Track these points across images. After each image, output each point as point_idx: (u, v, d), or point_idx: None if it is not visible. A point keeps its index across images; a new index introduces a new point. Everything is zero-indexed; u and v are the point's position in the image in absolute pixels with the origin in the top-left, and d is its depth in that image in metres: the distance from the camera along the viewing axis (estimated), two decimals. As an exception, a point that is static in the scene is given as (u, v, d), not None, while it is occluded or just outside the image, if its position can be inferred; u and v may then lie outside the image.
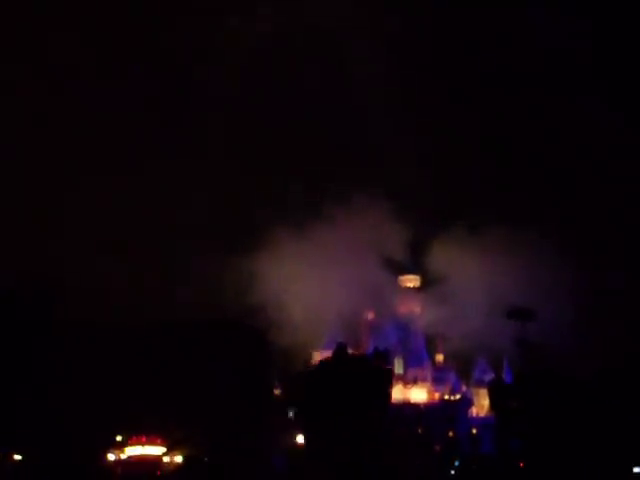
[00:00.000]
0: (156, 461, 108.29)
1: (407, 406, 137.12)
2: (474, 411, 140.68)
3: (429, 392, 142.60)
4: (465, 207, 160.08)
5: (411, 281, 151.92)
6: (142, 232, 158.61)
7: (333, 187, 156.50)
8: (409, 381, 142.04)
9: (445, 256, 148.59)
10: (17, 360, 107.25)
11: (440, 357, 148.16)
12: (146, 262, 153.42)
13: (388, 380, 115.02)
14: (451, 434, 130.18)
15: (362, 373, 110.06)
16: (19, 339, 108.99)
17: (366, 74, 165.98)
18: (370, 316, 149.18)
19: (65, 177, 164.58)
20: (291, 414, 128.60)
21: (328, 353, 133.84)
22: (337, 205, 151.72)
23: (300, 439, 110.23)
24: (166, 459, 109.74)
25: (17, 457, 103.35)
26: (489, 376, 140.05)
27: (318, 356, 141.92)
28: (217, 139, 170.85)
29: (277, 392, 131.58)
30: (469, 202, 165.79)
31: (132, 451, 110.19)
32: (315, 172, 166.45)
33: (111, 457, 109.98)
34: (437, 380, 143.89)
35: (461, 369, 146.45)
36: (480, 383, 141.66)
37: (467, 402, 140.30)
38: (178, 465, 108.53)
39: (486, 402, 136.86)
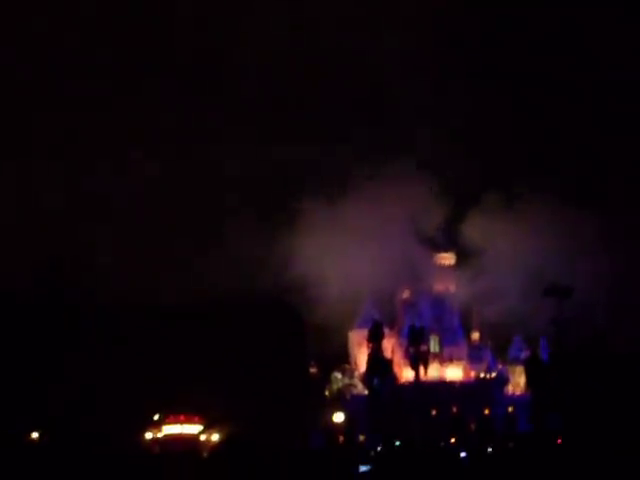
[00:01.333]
0: (194, 440, 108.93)
1: (442, 385, 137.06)
2: (510, 389, 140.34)
3: (465, 370, 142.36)
4: (500, 178, 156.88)
5: (446, 258, 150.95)
6: (173, 211, 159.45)
7: (364, 159, 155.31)
8: (445, 359, 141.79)
9: (480, 231, 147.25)
10: (53, 340, 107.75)
11: (476, 335, 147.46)
12: (180, 242, 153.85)
13: None
14: (487, 412, 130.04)
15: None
16: (53, 320, 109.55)
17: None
18: (405, 294, 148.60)
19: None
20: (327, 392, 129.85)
21: (364, 331, 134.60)
22: (369, 178, 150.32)
23: (337, 417, 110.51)
24: (203, 437, 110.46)
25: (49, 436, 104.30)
26: (525, 354, 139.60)
27: (354, 335, 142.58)
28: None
29: (313, 370, 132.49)
30: (504, 173, 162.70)
31: (169, 430, 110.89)
32: (345, 144, 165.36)
33: (148, 436, 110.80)
34: (473, 358, 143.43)
35: (497, 347, 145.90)
36: (516, 361, 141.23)
37: (503, 380, 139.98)
38: (216, 443, 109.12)
39: (522, 380, 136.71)
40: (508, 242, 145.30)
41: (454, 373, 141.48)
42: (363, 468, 79.71)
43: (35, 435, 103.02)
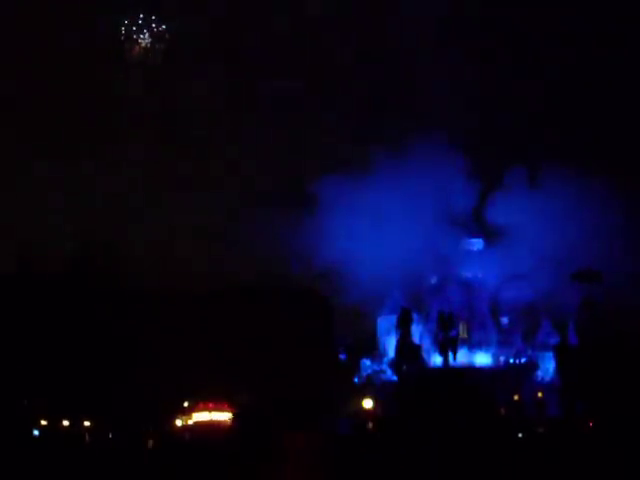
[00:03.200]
0: (224, 426, 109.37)
1: (472, 370, 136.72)
2: (539, 375, 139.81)
3: (494, 356, 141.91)
4: (524, 155, 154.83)
5: (475, 244, 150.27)
6: (202, 199, 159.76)
7: (388, 137, 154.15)
8: (473, 345, 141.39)
9: (506, 213, 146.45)
10: (83, 329, 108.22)
11: (505, 320, 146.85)
12: (210, 228, 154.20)
13: None
14: (516, 398, 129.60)
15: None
16: (85, 308, 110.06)
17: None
18: (433, 279, 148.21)
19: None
20: (356, 379, 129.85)
21: (392, 318, 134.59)
22: (393, 157, 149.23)
23: (366, 404, 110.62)
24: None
25: (87, 423, 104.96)
26: (555, 339, 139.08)
27: (383, 321, 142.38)
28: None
29: (342, 357, 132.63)
30: (527, 150, 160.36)
31: (199, 417, 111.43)
32: (365, 121, 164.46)
33: (178, 423, 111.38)
34: (502, 344, 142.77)
35: (526, 332, 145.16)
36: (545, 346, 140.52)
37: (532, 366, 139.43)
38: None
39: (552, 365, 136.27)
40: (535, 223, 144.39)
41: (483, 359, 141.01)
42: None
43: (66, 423, 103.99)
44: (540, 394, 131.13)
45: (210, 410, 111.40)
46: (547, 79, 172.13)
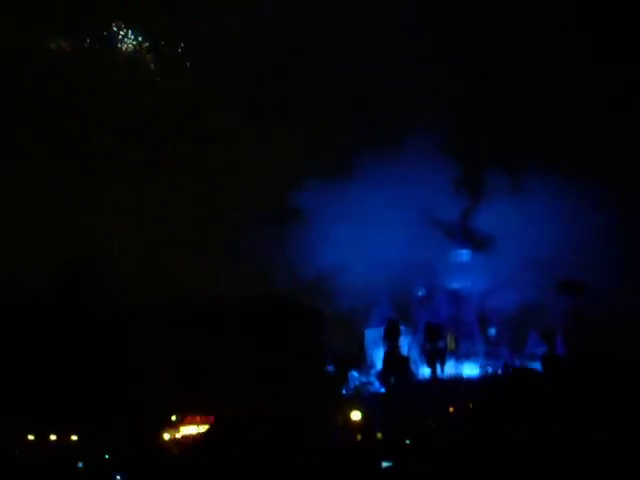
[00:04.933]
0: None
1: (459, 381, 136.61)
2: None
3: (481, 367, 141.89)
4: (510, 161, 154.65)
5: (462, 255, 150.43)
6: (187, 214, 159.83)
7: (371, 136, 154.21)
8: (461, 356, 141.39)
9: (493, 222, 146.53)
10: (70, 343, 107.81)
11: (492, 331, 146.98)
12: (194, 244, 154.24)
13: None
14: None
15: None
16: (75, 321, 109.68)
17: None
18: (421, 291, 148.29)
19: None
20: (344, 391, 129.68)
21: (380, 329, 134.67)
22: (378, 165, 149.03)
23: (354, 415, 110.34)
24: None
25: (74, 438, 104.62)
26: (542, 349, 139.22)
27: (370, 333, 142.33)
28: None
29: (330, 369, 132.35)
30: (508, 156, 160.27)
31: (187, 430, 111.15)
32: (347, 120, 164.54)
33: (167, 437, 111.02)
34: (489, 355, 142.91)
35: (513, 343, 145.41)
36: (533, 357, 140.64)
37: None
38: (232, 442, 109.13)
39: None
40: (522, 233, 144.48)
41: (471, 370, 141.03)
42: (385, 464, 79.79)
43: (53, 437, 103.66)
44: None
45: (198, 424, 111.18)
46: (529, 83, 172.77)
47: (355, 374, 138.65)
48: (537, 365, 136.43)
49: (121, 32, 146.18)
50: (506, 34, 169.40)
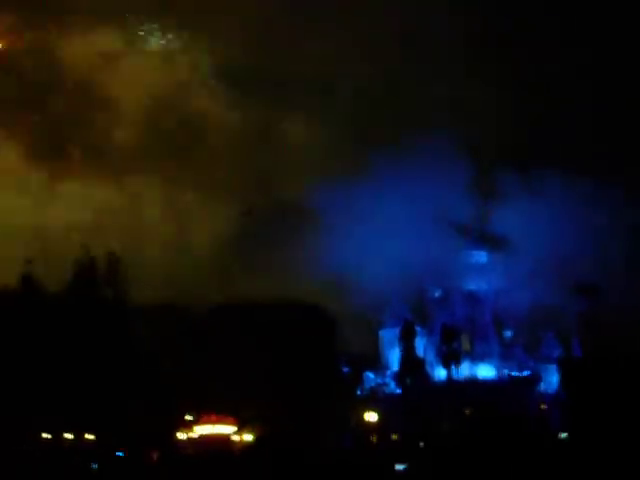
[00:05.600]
0: (227, 440, 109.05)
1: (475, 383, 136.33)
2: (543, 387, 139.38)
3: (497, 369, 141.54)
4: (526, 161, 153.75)
5: (478, 256, 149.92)
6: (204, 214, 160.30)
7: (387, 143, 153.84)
8: (477, 358, 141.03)
9: (509, 223, 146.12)
10: (86, 343, 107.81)
11: (508, 333, 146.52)
12: (211, 244, 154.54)
13: None
14: (519, 410, 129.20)
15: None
16: (88, 322, 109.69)
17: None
18: (437, 292, 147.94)
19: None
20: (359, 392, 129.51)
21: (395, 330, 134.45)
22: (393, 165, 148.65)
23: (370, 416, 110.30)
24: (236, 438, 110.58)
25: (90, 437, 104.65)
26: (558, 351, 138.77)
27: (385, 333, 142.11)
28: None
29: (345, 370, 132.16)
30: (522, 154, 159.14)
31: (202, 430, 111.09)
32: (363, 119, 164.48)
33: (181, 436, 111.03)
34: (505, 356, 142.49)
35: (529, 344, 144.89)
36: (549, 359, 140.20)
37: (536, 378, 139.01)
38: (248, 443, 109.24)
39: (555, 378, 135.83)
40: (538, 234, 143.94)
41: (486, 372, 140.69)
42: (399, 467, 79.72)
43: (69, 436, 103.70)
44: (543, 407, 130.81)
45: (214, 423, 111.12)
46: (547, 83, 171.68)
47: (370, 375, 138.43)
48: (552, 367, 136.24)
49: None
50: (523, 35, 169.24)
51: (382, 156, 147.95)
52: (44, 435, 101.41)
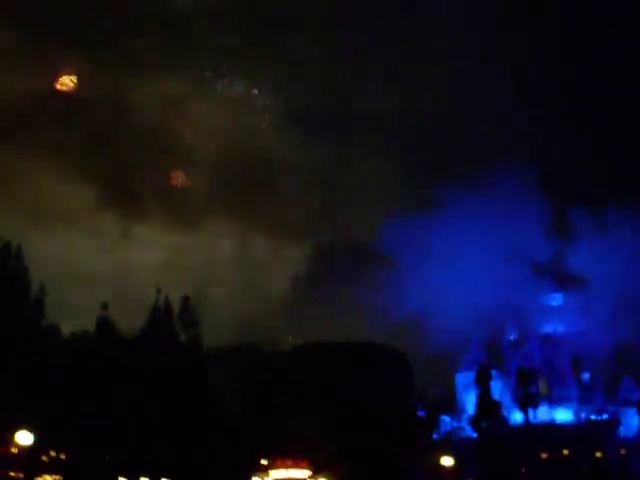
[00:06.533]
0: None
1: (553, 427, 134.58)
2: (622, 431, 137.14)
3: (575, 412, 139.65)
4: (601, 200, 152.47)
5: (554, 298, 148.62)
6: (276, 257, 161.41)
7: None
8: (554, 401, 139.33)
9: (586, 263, 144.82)
10: (161, 387, 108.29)
11: (586, 376, 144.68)
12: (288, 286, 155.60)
13: None
14: (599, 455, 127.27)
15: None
16: (163, 365, 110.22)
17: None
18: (513, 335, 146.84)
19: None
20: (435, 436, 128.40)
21: (471, 374, 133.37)
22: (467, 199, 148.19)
23: (446, 461, 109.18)
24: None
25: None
26: (637, 394, 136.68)
27: (461, 377, 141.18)
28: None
29: (421, 414, 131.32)
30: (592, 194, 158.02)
31: (277, 474, 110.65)
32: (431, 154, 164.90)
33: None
34: (583, 399, 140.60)
35: (608, 388, 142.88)
36: (628, 402, 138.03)
37: (615, 422, 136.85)
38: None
39: (635, 422, 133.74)
40: (613, 272, 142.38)
41: (564, 415, 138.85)
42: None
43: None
44: (623, 451, 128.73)
45: (288, 467, 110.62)
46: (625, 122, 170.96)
47: (446, 419, 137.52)
48: (632, 411, 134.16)
49: None
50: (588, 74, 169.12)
51: (455, 193, 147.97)
52: (121, 479, 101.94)
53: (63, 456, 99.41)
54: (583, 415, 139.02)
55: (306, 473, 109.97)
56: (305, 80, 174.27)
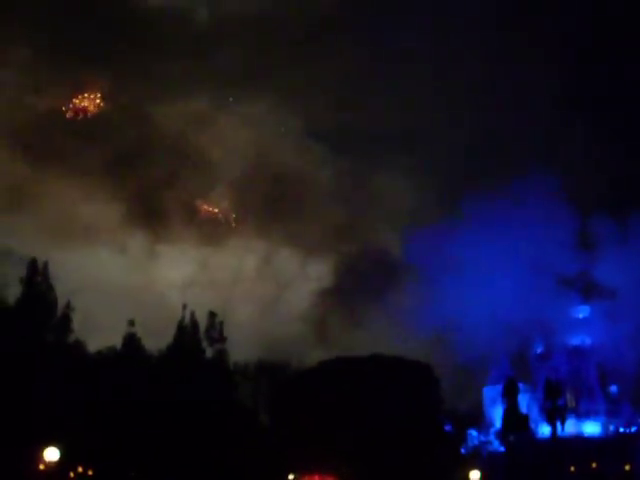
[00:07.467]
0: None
1: (580, 440, 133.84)
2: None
3: (603, 425, 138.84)
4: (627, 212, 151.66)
5: (581, 311, 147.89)
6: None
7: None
8: (582, 414, 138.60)
9: (613, 273, 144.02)
10: (190, 401, 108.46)
11: (613, 389, 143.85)
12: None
13: None
14: (627, 468, 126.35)
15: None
16: (193, 380, 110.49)
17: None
18: (540, 348, 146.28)
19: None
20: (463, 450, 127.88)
21: (498, 388, 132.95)
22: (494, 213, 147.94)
23: (474, 475, 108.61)
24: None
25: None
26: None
27: (489, 391, 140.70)
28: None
29: (448, 428, 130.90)
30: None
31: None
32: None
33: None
34: (611, 412, 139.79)
35: (636, 400, 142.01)
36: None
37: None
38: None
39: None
40: (637, 284, 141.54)
41: (592, 428, 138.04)
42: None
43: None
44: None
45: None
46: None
47: (474, 433, 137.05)
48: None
49: None
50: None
51: (481, 207, 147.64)
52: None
53: (90, 472, 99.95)
54: (611, 428, 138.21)
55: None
56: (326, 98, 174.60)
